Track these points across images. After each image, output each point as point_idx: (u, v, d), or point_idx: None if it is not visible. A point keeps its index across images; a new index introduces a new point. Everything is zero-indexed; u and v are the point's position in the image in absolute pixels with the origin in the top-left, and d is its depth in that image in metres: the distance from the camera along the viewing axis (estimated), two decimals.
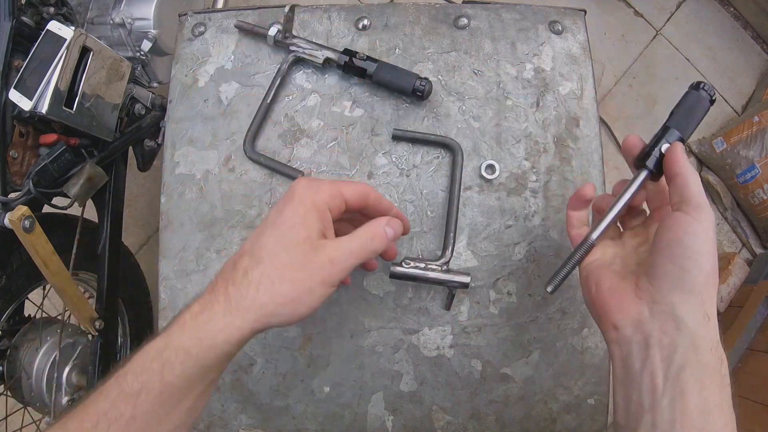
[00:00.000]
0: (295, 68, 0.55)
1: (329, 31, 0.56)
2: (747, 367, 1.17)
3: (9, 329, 0.82)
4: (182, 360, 0.30)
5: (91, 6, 0.89)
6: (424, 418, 0.51)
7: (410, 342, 0.51)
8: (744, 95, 1.55)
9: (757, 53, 1.58)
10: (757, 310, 1.21)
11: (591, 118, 0.53)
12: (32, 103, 0.63)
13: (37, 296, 0.87)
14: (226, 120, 0.55)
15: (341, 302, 0.51)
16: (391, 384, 0.51)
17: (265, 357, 0.52)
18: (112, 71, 0.72)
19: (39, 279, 0.78)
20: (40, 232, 0.66)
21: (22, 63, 0.66)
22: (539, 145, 0.53)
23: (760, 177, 1.34)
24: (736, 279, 1.34)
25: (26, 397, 0.82)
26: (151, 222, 1.39)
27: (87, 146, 0.75)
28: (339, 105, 0.54)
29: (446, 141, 0.52)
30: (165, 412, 0.30)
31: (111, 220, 0.86)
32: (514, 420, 0.50)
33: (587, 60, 0.55)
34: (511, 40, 0.55)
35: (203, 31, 0.57)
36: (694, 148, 1.48)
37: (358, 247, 0.33)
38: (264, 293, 0.31)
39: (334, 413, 0.51)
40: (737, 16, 1.60)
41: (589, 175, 0.52)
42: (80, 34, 0.64)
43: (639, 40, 1.55)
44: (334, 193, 0.34)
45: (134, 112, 0.84)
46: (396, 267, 0.45)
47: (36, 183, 0.68)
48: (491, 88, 0.54)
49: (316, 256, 0.32)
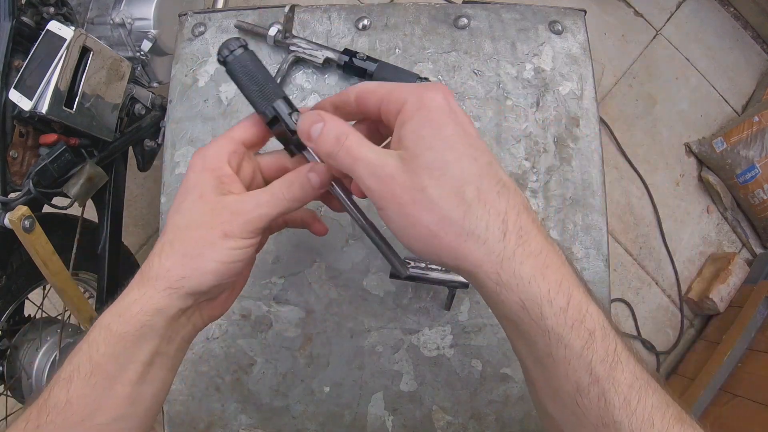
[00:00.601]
0: (295, 68, 0.55)
1: (329, 31, 0.56)
2: (747, 367, 1.17)
3: (9, 329, 0.82)
4: (105, 336, 0.29)
5: (91, 6, 0.89)
6: (424, 418, 0.51)
7: (410, 342, 0.51)
8: (744, 95, 1.55)
9: (757, 53, 1.58)
10: (757, 310, 1.21)
11: (591, 118, 0.53)
12: (32, 103, 0.63)
13: (37, 296, 0.87)
14: (226, 120, 0.55)
15: (341, 302, 0.51)
16: (391, 384, 0.51)
17: (265, 357, 0.52)
18: (112, 71, 0.72)
19: (39, 279, 0.78)
20: (40, 232, 0.66)
21: (22, 63, 0.66)
22: (539, 145, 0.53)
23: (760, 177, 1.34)
24: (736, 279, 1.34)
25: (26, 397, 0.82)
26: (151, 222, 1.39)
27: (87, 146, 0.75)
28: None
29: None
30: (98, 397, 0.29)
31: (111, 220, 0.86)
32: (514, 420, 0.50)
33: (587, 60, 0.55)
34: (511, 40, 0.55)
35: (203, 31, 0.57)
36: (694, 147, 1.48)
37: (268, 196, 0.32)
38: (166, 258, 0.31)
39: (334, 413, 0.51)
40: (737, 16, 1.60)
41: (589, 174, 0.52)
42: (80, 34, 0.65)
43: (639, 40, 1.55)
44: (222, 145, 0.33)
45: (134, 112, 0.84)
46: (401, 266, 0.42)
47: (36, 183, 0.68)
48: (491, 88, 0.54)
49: (215, 211, 0.31)
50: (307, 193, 0.33)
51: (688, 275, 1.44)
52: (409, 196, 0.26)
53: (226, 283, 0.32)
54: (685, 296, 1.42)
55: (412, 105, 0.28)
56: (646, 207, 1.45)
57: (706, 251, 1.45)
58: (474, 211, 0.25)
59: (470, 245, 0.25)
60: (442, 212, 0.26)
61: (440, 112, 0.27)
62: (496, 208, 0.26)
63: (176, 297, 0.30)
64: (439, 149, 0.26)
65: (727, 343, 1.22)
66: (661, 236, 1.44)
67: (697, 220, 1.47)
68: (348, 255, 0.52)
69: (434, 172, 0.26)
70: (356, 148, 0.29)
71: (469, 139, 0.27)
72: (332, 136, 0.30)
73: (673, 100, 1.52)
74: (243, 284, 0.38)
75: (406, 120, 0.28)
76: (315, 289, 0.52)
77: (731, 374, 1.18)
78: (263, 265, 0.52)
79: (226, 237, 0.30)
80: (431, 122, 0.27)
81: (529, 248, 0.25)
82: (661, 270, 1.43)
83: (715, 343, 1.27)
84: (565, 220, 0.51)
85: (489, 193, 0.26)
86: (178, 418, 0.51)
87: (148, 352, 0.30)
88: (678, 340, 1.39)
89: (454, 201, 0.25)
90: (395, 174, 0.27)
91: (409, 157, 0.27)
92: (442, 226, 0.26)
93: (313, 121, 0.30)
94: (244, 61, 0.33)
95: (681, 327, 1.40)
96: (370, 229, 0.34)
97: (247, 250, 0.31)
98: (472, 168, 0.26)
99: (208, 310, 0.34)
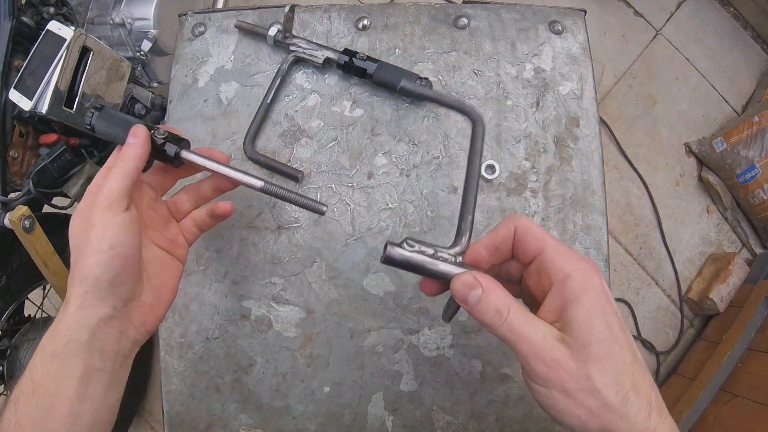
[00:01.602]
0: (295, 68, 0.55)
1: (329, 31, 0.56)
2: (747, 367, 1.17)
3: (9, 329, 0.82)
4: (41, 357, 0.31)
5: (91, 6, 0.89)
6: (424, 418, 0.51)
7: (410, 342, 0.51)
8: (744, 95, 1.55)
9: (757, 53, 1.58)
10: (757, 310, 1.21)
11: (591, 118, 0.53)
12: (32, 103, 0.63)
13: (37, 296, 0.87)
14: (226, 120, 0.55)
15: (341, 302, 0.51)
16: (391, 384, 0.51)
17: (265, 357, 0.52)
18: (112, 71, 0.72)
19: (39, 279, 0.78)
20: (40, 232, 0.66)
21: (22, 63, 0.66)
22: (539, 145, 0.53)
23: (760, 177, 1.34)
24: (736, 279, 1.34)
25: None
26: None
27: (87, 146, 0.75)
28: (339, 105, 0.54)
29: (465, 108, 0.40)
30: (41, 416, 0.30)
31: None
32: (514, 420, 0.50)
33: (587, 60, 0.55)
34: (511, 40, 0.55)
35: (203, 31, 0.57)
36: (694, 148, 1.48)
37: (107, 172, 0.35)
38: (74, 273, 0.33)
39: (334, 413, 0.51)
40: (737, 16, 1.60)
41: (589, 175, 0.52)
42: (80, 34, 0.65)
43: (639, 40, 1.55)
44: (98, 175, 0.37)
45: (134, 112, 0.84)
46: (394, 248, 0.33)
47: (36, 183, 0.68)
48: (491, 88, 0.54)
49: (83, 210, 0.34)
50: (131, 148, 0.36)
51: (688, 275, 1.44)
52: (575, 384, 0.28)
53: (127, 278, 0.34)
54: (685, 296, 1.42)
55: (577, 284, 0.29)
56: (646, 207, 1.45)
57: (706, 251, 1.45)
58: (630, 398, 0.28)
59: (622, 424, 0.28)
60: (604, 399, 0.28)
61: (603, 298, 0.29)
62: (646, 393, 0.28)
63: (87, 305, 0.32)
64: (608, 341, 0.28)
65: (727, 343, 1.22)
66: (661, 236, 1.44)
67: (697, 220, 1.47)
68: (348, 255, 0.52)
69: (602, 363, 0.28)
70: (519, 326, 0.29)
71: (621, 325, 0.29)
72: (492, 308, 0.30)
73: (673, 100, 1.52)
74: (171, 287, 0.40)
75: (572, 300, 0.29)
76: (315, 289, 0.52)
77: (731, 374, 1.18)
78: (263, 265, 0.52)
79: (93, 226, 0.33)
80: (597, 310, 0.28)
81: (666, 423, 0.28)
82: (661, 270, 1.43)
83: (715, 343, 1.27)
84: (565, 220, 0.51)
85: (641, 382, 0.28)
86: (178, 418, 0.51)
87: (81, 368, 0.31)
88: (678, 340, 1.39)
89: (615, 389, 0.28)
90: (562, 360, 0.28)
91: (577, 345, 0.28)
92: (602, 410, 0.28)
93: (471, 287, 0.31)
94: (104, 116, 0.39)
95: (681, 327, 1.40)
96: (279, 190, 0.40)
97: (121, 233, 0.33)
98: (628, 357, 0.28)
99: (138, 316, 0.35)
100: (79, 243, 0.33)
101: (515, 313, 0.29)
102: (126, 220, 0.33)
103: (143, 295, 0.36)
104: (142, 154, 0.36)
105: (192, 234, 0.43)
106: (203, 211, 0.43)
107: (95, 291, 0.32)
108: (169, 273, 0.39)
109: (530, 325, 0.29)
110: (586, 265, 0.29)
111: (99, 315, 0.32)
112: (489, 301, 0.30)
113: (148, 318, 0.36)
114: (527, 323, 0.29)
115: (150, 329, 0.36)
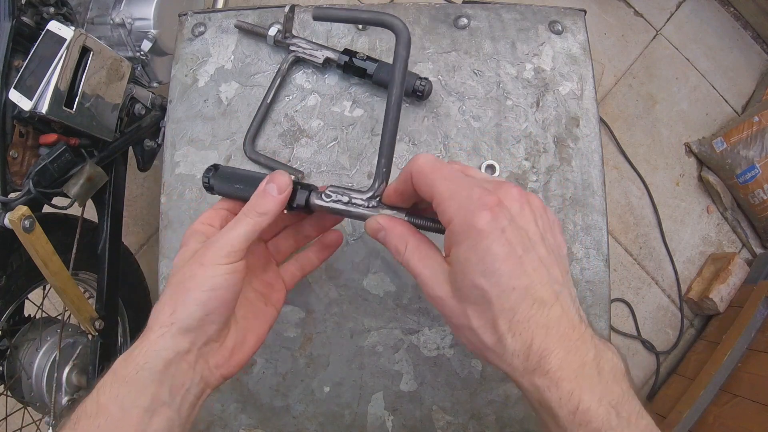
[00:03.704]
0: (295, 68, 0.55)
1: (329, 31, 0.56)
2: (747, 367, 1.17)
3: (9, 329, 0.82)
4: (110, 380, 0.30)
5: (91, 6, 0.89)
6: (424, 418, 0.51)
7: (410, 342, 0.51)
8: (744, 95, 1.55)
9: (757, 53, 1.58)
10: (757, 310, 1.21)
11: (591, 118, 0.53)
12: (32, 103, 0.63)
13: (37, 296, 0.87)
14: (226, 120, 0.55)
15: (341, 302, 0.51)
16: (391, 384, 0.51)
17: (265, 357, 0.52)
18: (112, 71, 0.72)
19: (39, 279, 0.78)
20: (40, 232, 0.66)
21: (22, 63, 0.66)
22: (539, 145, 0.53)
23: (760, 177, 1.34)
24: (736, 279, 1.34)
25: (26, 397, 0.82)
26: (151, 222, 1.39)
27: (87, 146, 0.75)
28: (339, 105, 0.54)
29: (382, 18, 0.35)
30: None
31: (111, 220, 0.86)
32: (514, 420, 0.50)
33: (587, 60, 0.55)
34: (511, 40, 0.55)
35: (203, 31, 0.57)
36: (694, 147, 1.48)
37: (234, 221, 0.34)
38: (162, 301, 0.32)
39: (334, 413, 0.51)
40: (737, 16, 1.60)
41: (589, 175, 0.52)
42: (80, 34, 0.65)
43: (639, 40, 1.55)
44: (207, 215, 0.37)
45: (134, 112, 0.84)
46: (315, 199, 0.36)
47: (36, 183, 0.68)
48: (491, 88, 0.54)
49: (197, 251, 0.34)
50: (269, 202, 0.34)
51: (688, 275, 1.44)
52: (458, 320, 0.30)
53: (218, 319, 0.33)
54: (685, 296, 1.42)
55: (456, 230, 0.29)
56: (646, 207, 1.45)
57: (706, 251, 1.45)
58: (506, 342, 0.28)
59: (501, 364, 0.29)
60: (480, 339, 0.29)
61: (485, 242, 0.28)
62: (523, 337, 0.28)
63: (169, 336, 0.31)
64: (481, 288, 0.28)
65: (727, 343, 1.22)
66: (661, 236, 1.44)
67: (697, 220, 1.47)
68: (348, 255, 0.52)
69: (476, 306, 0.29)
70: (414, 261, 0.32)
71: (512, 264, 0.28)
72: (392, 246, 0.33)
73: (673, 100, 1.52)
74: (258, 334, 0.38)
75: (452, 244, 0.30)
76: (315, 289, 0.52)
77: (731, 374, 1.18)
78: None
79: (202, 266, 0.32)
80: (473, 257, 0.28)
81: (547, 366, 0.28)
82: (661, 270, 1.43)
83: (715, 343, 1.27)
84: (565, 220, 0.51)
85: (519, 324, 0.28)
86: None
87: (149, 398, 0.30)
88: (678, 340, 1.40)
89: (490, 331, 0.29)
90: (445, 298, 0.30)
91: (456, 285, 0.30)
92: (482, 348, 0.30)
93: (376, 230, 0.34)
94: (222, 175, 0.37)
95: (681, 327, 1.40)
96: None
97: (228, 277, 0.32)
98: (510, 298, 0.28)
99: (216, 360, 0.34)
100: (182, 278, 0.32)
101: (412, 251, 0.32)
102: (237, 268, 0.33)
103: (227, 337, 0.35)
104: (279, 211, 0.34)
105: (293, 277, 0.41)
106: (309, 251, 0.42)
107: (183, 325, 0.31)
108: (260, 319, 0.38)
109: (423, 261, 0.32)
110: (477, 205, 0.29)
111: (177, 348, 0.31)
112: (389, 240, 0.33)
113: (227, 362, 0.35)
114: (422, 260, 0.32)
115: (226, 374, 0.35)
